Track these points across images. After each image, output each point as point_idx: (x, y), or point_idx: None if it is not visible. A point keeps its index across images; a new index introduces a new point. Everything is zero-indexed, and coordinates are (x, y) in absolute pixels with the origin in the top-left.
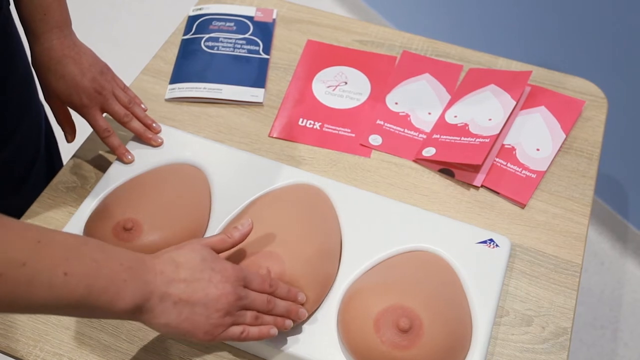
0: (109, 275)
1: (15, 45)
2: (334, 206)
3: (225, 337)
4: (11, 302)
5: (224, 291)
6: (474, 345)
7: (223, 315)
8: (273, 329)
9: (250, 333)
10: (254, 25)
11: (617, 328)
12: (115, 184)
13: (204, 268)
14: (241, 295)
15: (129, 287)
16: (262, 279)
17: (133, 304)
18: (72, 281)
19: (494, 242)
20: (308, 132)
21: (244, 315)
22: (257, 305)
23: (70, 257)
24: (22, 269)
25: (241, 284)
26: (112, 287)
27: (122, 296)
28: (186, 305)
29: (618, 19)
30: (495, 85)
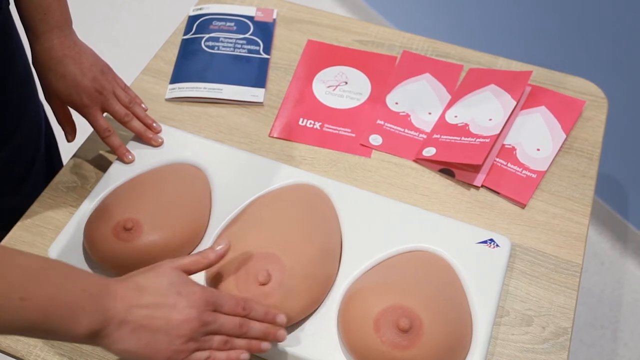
0: (69, 301)
1: (15, 45)
2: (334, 206)
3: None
4: None
5: (188, 317)
6: (474, 345)
7: (186, 341)
8: (243, 354)
9: (217, 359)
10: (254, 25)
11: (617, 328)
12: (115, 183)
13: (169, 293)
14: (207, 320)
15: (87, 314)
16: (235, 302)
17: (89, 330)
18: (29, 306)
19: (494, 242)
20: (308, 132)
21: (210, 340)
22: (227, 329)
23: (30, 282)
24: None
25: (210, 308)
26: (70, 313)
27: (79, 323)
28: (146, 332)
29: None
30: (496, 85)
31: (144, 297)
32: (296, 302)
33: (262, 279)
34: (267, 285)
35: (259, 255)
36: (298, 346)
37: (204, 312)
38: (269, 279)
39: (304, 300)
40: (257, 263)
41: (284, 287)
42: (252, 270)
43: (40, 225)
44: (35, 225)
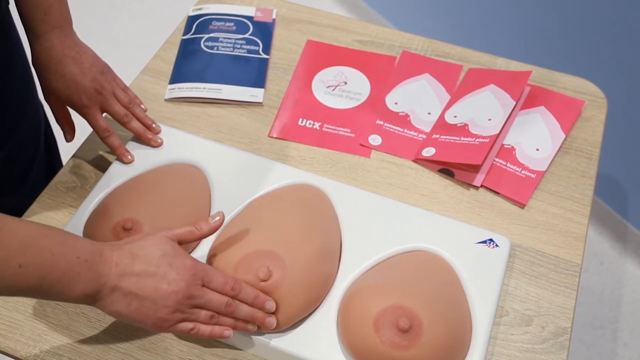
0: (64, 267)
1: (15, 44)
2: (334, 206)
3: (175, 330)
4: None
5: (175, 288)
6: (473, 345)
7: (172, 311)
8: (228, 331)
9: (201, 330)
10: (254, 25)
11: (617, 328)
12: (115, 184)
13: (160, 263)
14: (194, 294)
15: (82, 279)
16: (224, 280)
17: (83, 293)
18: (26, 272)
19: (494, 242)
20: (308, 132)
21: (197, 313)
22: (213, 306)
23: (28, 249)
24: None
25: (199, 282)
26: (65, 279)
27: (74, 287)
28: (135, 298)
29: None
30: (495, 85)
31: (136, 265)
32: (296, 301)
33: (263, 275)
34: (268, 282)
35: (260, 253)
36: (298, 346)
37: (192, 285)
38: (269, 275)
39: (304, 299)
40: (258, 260)
41: (284, 285)
42: (252, 267)
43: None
44: None
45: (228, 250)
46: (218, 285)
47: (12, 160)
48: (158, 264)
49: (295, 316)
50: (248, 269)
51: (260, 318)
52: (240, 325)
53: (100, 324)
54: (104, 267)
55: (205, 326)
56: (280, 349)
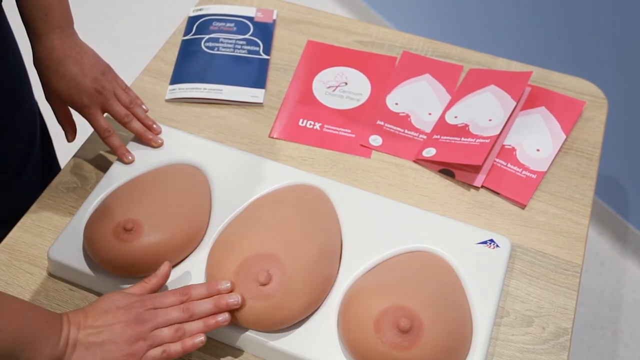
0: (35, 332)
1: (8, 43)
2: (334, 207)
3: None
4: None
5: (127, 320)
6: (474, 346)
7: (134, 342)
8: (199, 338)
9: (172, 350)
10: (254, 25)
11: (618, 328)
12: (115, 184)
13: (109, 309)
14: (147, 318)
15: (50, 343)
16: (171, 293)
17: (52, 357)
18: (1, 337)
19: (494, 242)
20: (308, 132)
21: (160, 334)
22: (171, 318)
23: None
24: None
25: (148, 307)
26: (35, 343)
27: (43, 351)
28: (96, 346)
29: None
30: (496, 86)
31: (89, 319)
32: (296, 302)
33: (263, 279)
34: (268, 286)
35: (259, 256)
36: (298, 346)
37: (141, 312)
38: (269, 279)
39: (304, 301)
40: (258, 263)
41: (284, 288)
42: (252, 271)
43: (40, 226)
44: (35, 226)
45: (227, 254)
46: (168, 301)
47: (5, 158)
48: (107, 310)
49: (295, 317)
50: (248, 273)
51: (223, 303)
52: (210, 323)
53: None
54: (65, 328)
55: (175, 344)
56: (280, 350)
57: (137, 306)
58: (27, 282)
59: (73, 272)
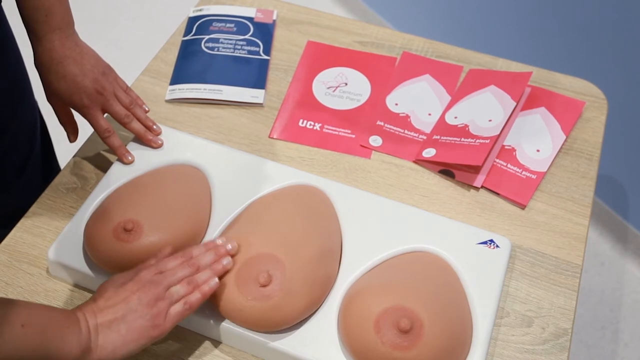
0: (58, 325)
1: (8, 44)
2: (334, 207)
3: (173, 318)
4: None
5: (140, 287)
6: (474, 346)
7: (153, 304)
8: (213, 281)
9: (193, 300)
10: (254, 26)
11: (618, 329)
12: (115, 184)
13: (116, 287)
14: (157, 280)
15: (72, 333)
16: (172, 258)
17: (79, 347)
18: (28, 332)
19: (494, 242)
20: (308, 133)
21: (175, 291)
22: (180, 275)
23: (24, 312)
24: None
25: (154, 273)
26: (60, 335)
27: (70, 343)
28: (119, 322)
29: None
30: (496, 86)
31: (99, 303)
32: (296, 302)
33: (263, 280)
34: (268, 287)
35: (260, 257)
36: (298, 347)
37: (150, 277)
38: (269, 280)
39: (304, 301)
40: (258, 264)
41: (284, 288)
42: (252, 272)
43: (41, 226)
44: (36, 227)
45: None
46: (172, 265)
47: (6, 158)
48: (115, 288)
49: (296, 318)
50: (248, 274)
51: (223, 251)
52: (216, 268)
53: None
54: (82, 318)
55: (193, 294)
56: (280, 350)
57: (143, 274)
58: (27, 283)
59: (73, 273)
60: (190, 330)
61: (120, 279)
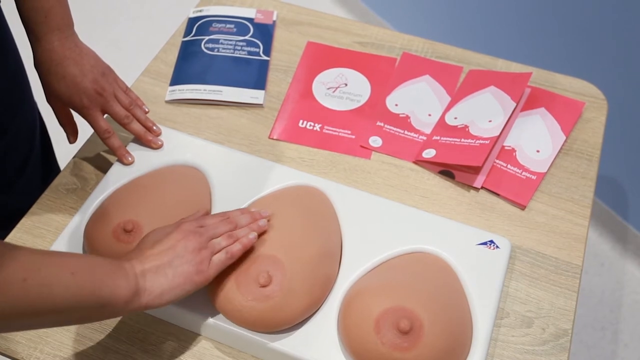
0: (103, 271)
1: (7, 45)
2: (334, 208)
3: (215, 266)
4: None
5: (185, 235)
6: (474, 347)
7: (198, 252)
8: (252, 234)
9: (235, 250)
10: (254, 27)
11: (618, 329)
12: (115, 185)
13: (159, 237)
14: (201, 231)
15: (120, 277)
16: (211, 216)
17: (129, 290)
18: (79, 279)
19: (494, 243)
20: (308, 133)
21: (217, 242)
22: (221, 229)
23: (71, 261)
24: (39, 273)
25: (197, 225)
26: (110, 280)
27: (120, 287)
28: (165, 267)
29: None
30: (495, 87)
31: (145, 251)
32: (296, 303)
33: (263, 280)
34: (268, 287)
35: (260, 257)
36: (298, 347)
37: (194, 229)
38: (269, 280)
39: (304, 302)
40: (258, 265)
41: (284, 289)
42: (252, 272)
43: (41, 227)
44: (36, 227)
45: None
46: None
47: (6, 159)
48: (159, 238)
49: (296, 319)
50: (249, 275)
51: (258, 213)
52: (254, 226)
53: (101, 325)
54: (127, 266)
55: (234, 245)
56: (280, 351)
57: (186, 226)
58: None
59: None
60: (190, 330)
61: (163, 230)
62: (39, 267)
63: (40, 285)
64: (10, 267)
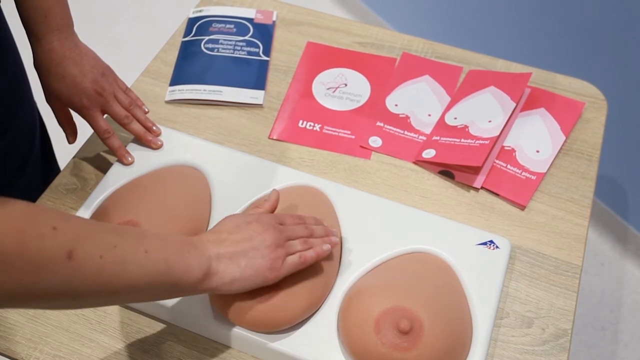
0: (176, 250)
1: (7, 45)
2: (334, 208)
3: (288, 267)
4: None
5: (265, 230)
6: (474, 347)
7: (274, 249)
8: (325, 245)
9: (308, 256)
10: (254, 27)
11: (618, 329)
12: (115, 185)
13: (239, 224)
14: (281, 228)
15: (193, 257)
16: (291, 216)
17: (201, 271)
18: (152, 257)
19: (494, 243)
20: (308, 133)
21: (293, 244)
22: (299, 232)
23: (143, 238)
24: (115, 250)
25: (277, 222)
26: (182, 260)
27: (193, 266)
28: (240, 256)
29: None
30: (495, 87)
31: (222, 235)
32: (296, 304)
33: None
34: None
35: None
36: (298, 348)
37: (274, 224)
38: None
39: (304, 302)
40: None
41: (284, 289)
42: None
43: None
44: None
45: None
46: (291, 220)
47: (5, 159)
48: (238, 225)
49: (295, 319)
50: None
51: (329, 230)
52: (326, 240)
53: (100, 326)
54: (201, 245)
55: (308, 251)
56: (280, 351)
57: (267, 219)
58: None
59: None
60: (190, 330)
61: (244, 217)
62: (114, 244)
63: (115, 263)
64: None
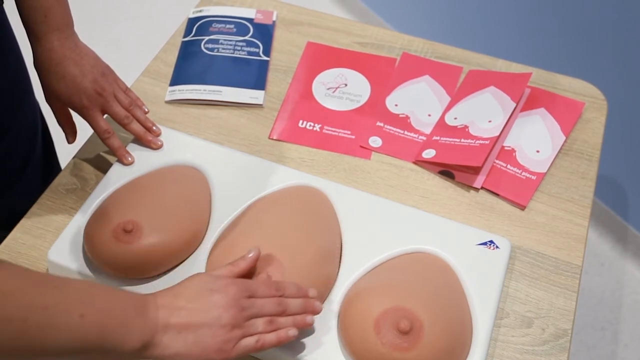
0: (120, 315)
1: (9, 45)
2: (334, 208)
3: (239, 350)
4: (34, 347)
5: (225, 305)
6: (474, 347)
7: (230, 329)
8: (291, 330)
9: (267, 340)
10: (254, 27)
11: (618, 329)
12: (115, 185)
13: (202, 291)
14: (244, 306)
15: (137, 326)
16: (267, 286)
17: (141, 342)
18: (86, 323)
19: (494, 243)
20: (308, 133)
21: (254, 324)
22: (267, 310)
23: (85, 300)
24: (43, 312)
25: (245, 295)
26: (122, 327)
27: (132, 336)
28: (190, 330)
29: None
30: (495, 87)
31: (180, 300)
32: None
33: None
34: None
35: (259, 258)
36: (298, 348)
37: (240, 299)
38: None
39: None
40: (257, 266)
41: None
42: (252, 273)
43: (41, 227)
44: (36, 228)
45: (227, 256)
46: (264, 291)
47: (7, 159)
48: (200, 292)
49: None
50: (248, 276)
51: (310, 305)
52: (299, 320)
53: None
54: (153, 310)
55: (269, 334)
56: (280, 351)
57: (233, 291)
58: None
59: (73, 274)
60: None
61: (210, 282)
62: (46, 304)
63: (40, 327)
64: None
